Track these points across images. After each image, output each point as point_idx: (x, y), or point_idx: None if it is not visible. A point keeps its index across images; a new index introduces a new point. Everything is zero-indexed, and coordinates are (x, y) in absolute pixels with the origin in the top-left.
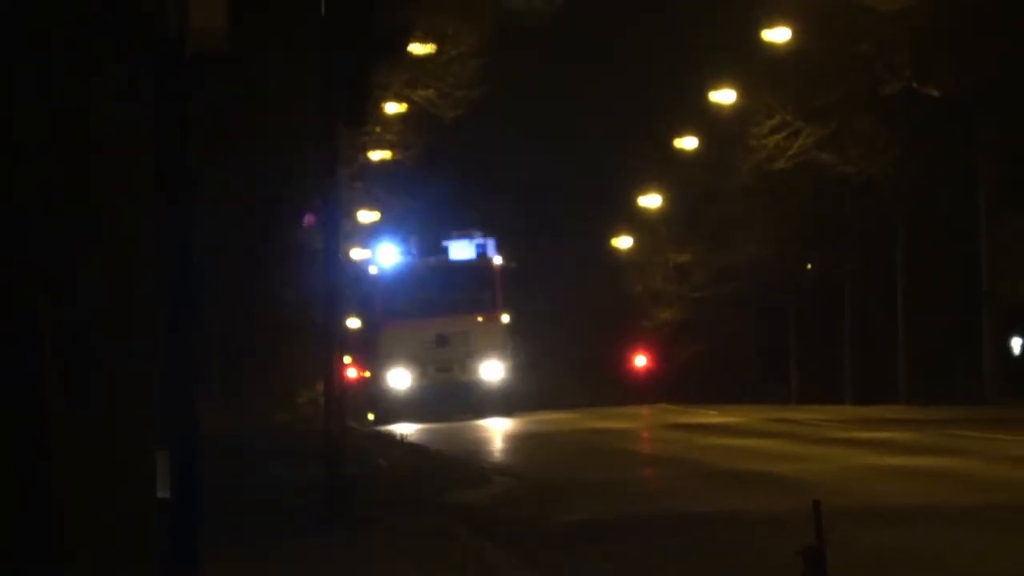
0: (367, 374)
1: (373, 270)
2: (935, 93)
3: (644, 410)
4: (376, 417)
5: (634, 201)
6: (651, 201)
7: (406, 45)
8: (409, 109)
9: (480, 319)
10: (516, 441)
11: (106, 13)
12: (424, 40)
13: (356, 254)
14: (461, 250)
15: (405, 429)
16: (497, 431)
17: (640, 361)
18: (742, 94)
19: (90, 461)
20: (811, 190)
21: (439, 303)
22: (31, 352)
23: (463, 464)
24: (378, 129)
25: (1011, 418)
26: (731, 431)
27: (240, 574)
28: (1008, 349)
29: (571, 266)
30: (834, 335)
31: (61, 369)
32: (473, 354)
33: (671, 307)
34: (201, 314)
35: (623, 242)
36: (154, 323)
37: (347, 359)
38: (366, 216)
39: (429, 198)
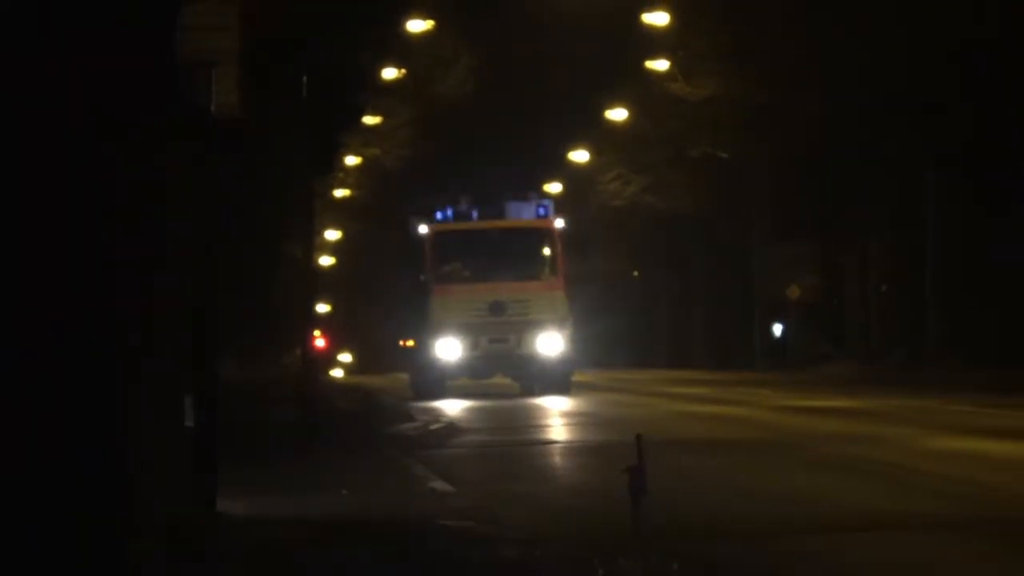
0: (411, 343)
1: (423, 230)
2: (724, 156)
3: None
4: (416, 391)
5: None
6: None
7: (362, 117)
8: (363, 162)
9: (540, 286)
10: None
11: (158, 96)
12: (374, 114)
13: (323, 261)
14: (519, 211)
15: (451, 407)
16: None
17: None
18: (592, 154)
19: (150, 396)
20: (638, 222)
21: (495, 268)
22: (118, 327)
23: (399, 406)
24: (341, 174)
25: (773, 380)
26: (587, 387)
27: (243, 479)
28: (771, 333)
29: None
30: (652, 322)
31: (134, 335)
32: (531, 325)
33: None
34: (215, 303)
35: None
36: (185, 313)
37: (316, 333)
38: (331, 234)
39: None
